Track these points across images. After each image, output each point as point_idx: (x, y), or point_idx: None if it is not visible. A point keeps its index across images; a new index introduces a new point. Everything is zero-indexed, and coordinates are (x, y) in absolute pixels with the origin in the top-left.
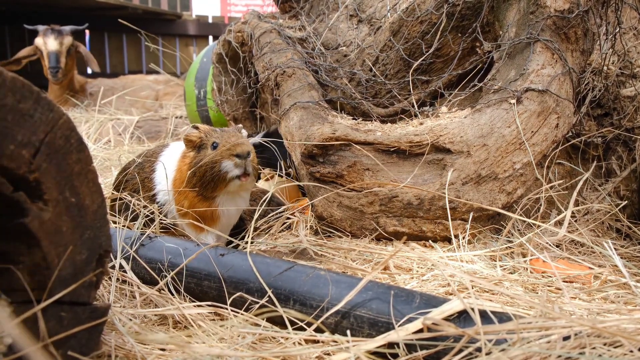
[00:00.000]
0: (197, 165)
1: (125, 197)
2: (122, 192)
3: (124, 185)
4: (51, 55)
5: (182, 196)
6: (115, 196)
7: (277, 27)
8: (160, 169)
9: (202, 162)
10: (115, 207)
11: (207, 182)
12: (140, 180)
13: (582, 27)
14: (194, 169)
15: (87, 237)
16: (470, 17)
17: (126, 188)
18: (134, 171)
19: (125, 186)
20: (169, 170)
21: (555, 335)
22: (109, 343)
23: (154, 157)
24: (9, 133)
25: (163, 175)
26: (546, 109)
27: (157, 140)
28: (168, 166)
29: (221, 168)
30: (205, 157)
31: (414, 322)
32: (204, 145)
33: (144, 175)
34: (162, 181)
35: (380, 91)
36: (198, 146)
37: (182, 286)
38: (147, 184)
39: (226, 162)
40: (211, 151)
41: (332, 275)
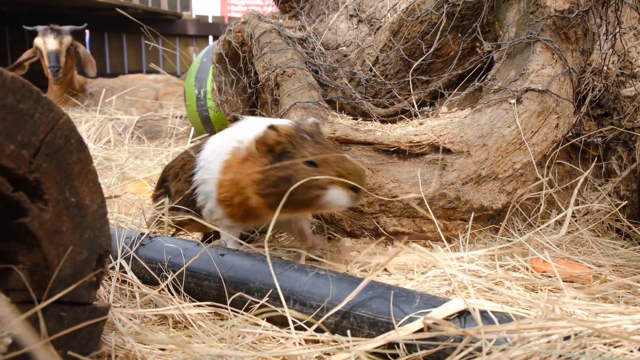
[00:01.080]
0: (282, 180)
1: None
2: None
3: (167, 184)
4: (51, 54)
5: (237, 201)
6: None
7: (277, 27)
8: (202, 168)
9: (293, 179)
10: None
11: (296, 203)
12: (184, 179)
13: (582, 27)
14: (273, 181)
15: (87, 237)
16: (470, 17)
17: (170, 187)
18: (173, 171)
19: (169, 185)
20: (213, 170)
21: (556, 336)
22: (109, 343)
23: (195, 154)
24: (9, 133)
25: (205, 174)
26: (546, 109)
27: (157, 140)
28: (212, 167)
29: (327, 197)
30: (298, 173)
31: (415, 322)
32: (287, 155)
33: (185, 173)
34: (203, 180)
35: (380, 91)
36: (278, 153)
37: (182, 286)
38: (187, 183)
39: (336, 192)
40: (305, 166)
41: (332, 275)
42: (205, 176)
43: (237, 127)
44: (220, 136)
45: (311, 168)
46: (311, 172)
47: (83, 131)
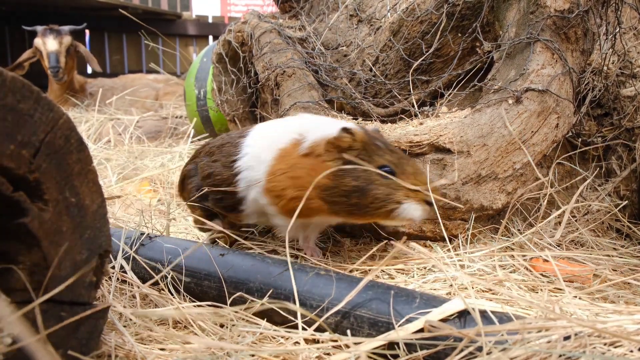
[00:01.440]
0: (356, 190)
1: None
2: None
3: (197, 159)
4: (51, 55)
5: (294, 195)
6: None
7: (277, 27)
8: (248, 156)
9: (369, 190)
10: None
11: (364, 213)
12: (222, 163)
13: (582, 27)
14: (345, 190)
15: (87, 237)
16: (470, 17)
17: (199, 164)
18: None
19: (199, 162)
20: (262, 158)
21: (556, 335)
22: (109, 343)
23: (237, 138)
24: (9, 133)
25: (251, 163)
26: (546, 109)
27: (157, 140)
28: (263, 154)
29: (402, 210)
30: (373, 183)
31: (415, 322)
32: (361, 159)
33: (223, 155)
34: (249, 167)
35: (380, 91)
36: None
37: (182, 286)
38: (227, 171)
39: (413, 206)
40: (379, 176)
41: (332, 275)
42: (251, 162)
43: (292, 120)
44: (271, 126)
45: (387, 179)
46: (388, 183)
47: (83, 131)
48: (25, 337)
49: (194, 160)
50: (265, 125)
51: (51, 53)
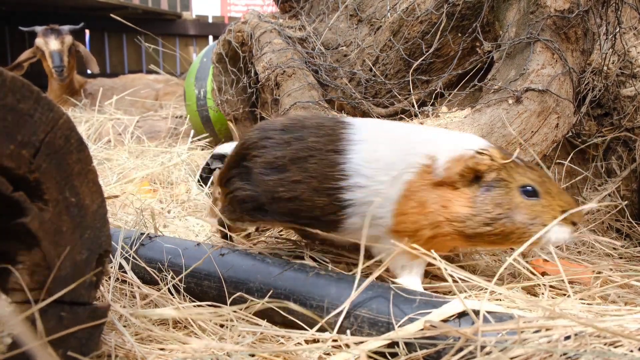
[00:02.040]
0: (500, 217)
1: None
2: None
3: (248, 164)
4: (54, 54)
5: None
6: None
7: (277, 27)
8: (361, 187)
9: (514, 215)
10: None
11: (505, 240)
12: (314, 185)
13: (582, 27)
14: (489, 218)
15: (87, 237)
16: (470, 17)
17: (255, 170)
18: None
19: (255, 168)
20: (386, 193)
21: (556, 335)
22: (109, 343)
23: (336, 157)
24: (9, 133)
25: (369, 198)
26: (546, 108)
27: (157, 140)
28: (383, 188)
29: (549, 235)
30: (518, 207)
31: (415, 322)
32: (500, 184)
33: (316, 182)
34: (365, 206)
35: (380, 91)
36: (489, 182)
37: (182, 286)
38: (322, 198)
39: (561, 229)
40: (523, 199)
41: (332, 275)
42: (369, 197)
43: (406, 134)
44: (382, 142)
45: (531, 201)
46: (533, 205)
47: (83, 131)
48: (27, 338)
49: (243, 164)
50: (373, 140)
51: (54, 52)
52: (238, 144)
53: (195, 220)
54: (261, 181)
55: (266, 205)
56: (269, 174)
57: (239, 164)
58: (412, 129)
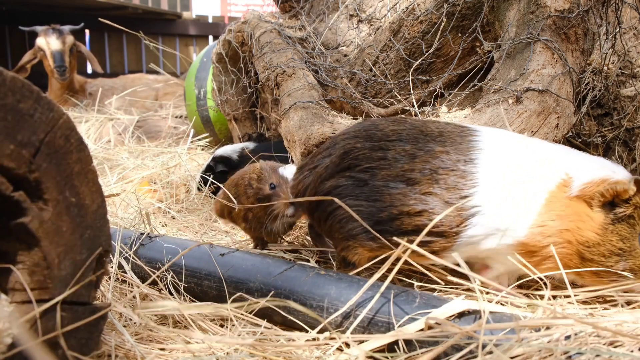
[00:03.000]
0: (618, 250)
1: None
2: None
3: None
4: (56, 54)
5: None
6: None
7: (277, 27)
8: (489, 199)
9: (630, 258)
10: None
11: (610, 275)
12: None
13: (582, 27)
14: (605, 245)
15: (87, 237)
16: (470, 17)
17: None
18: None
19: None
20: (523, 207)
21: (557, 335)
22: (109, 343)
23: (465, 168)
24: (9, 133)
25: (500, 211)
26: (546, 108)
27: (157, 140)
28: (519, 200)
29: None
30: (633, 250)
31: (416, 322)
32: (629, 222)
33: (446, 193)
34: (494, 218)
35: (381, 91)
36: (619, 215)
37: (182, 286)
38: (461, 182)
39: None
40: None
41: (332, 275)
42: (498, 208)
43: (541, 150)
44: (518, 148)
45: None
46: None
47: (83, 131)
48: (28, 338)
49: (348, 175)
50: (503, 149)
51: (56, 52)
52: (337, 155)
53: (196, 220)
54: (386, 195)
55: (384, 223)
56: (396, 187)
57: (340, 176)
58: (541, 142)
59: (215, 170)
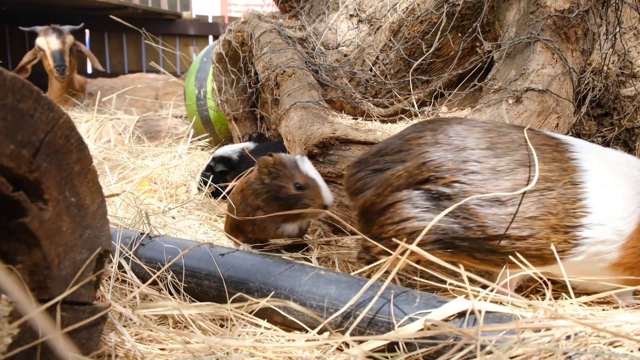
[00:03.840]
0: None
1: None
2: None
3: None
4: (56, 54)
5: None
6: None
7: (277, 27)
8: (601, 225)
9: None
10: None
11: None
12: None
13: (582, 27)
14: None
15: (87, 237)
16: (470, 17)
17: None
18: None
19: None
20: (620, 231)
21: (557, 335)
22: (109, 342)
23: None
24: (9, 133)
25: (606, 236)
26: (546, 108)
27: (157, 140)
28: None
29: None
30: None
31: (415, 322)
32: None
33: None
34: (599, 245)
35: (380, 91)
36: None
37: (182, 286)
38: (571, 208)
39: None
40: None
41: (332, 274)
42: (605, 235)
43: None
44: (615, 168)
45: None
46: None
47: (83, 131)
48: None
49: (427, 188)
50: (604, 169)
51: (56, 52)
52: (415, 165)
53: (196, 220)
54: (473, 214)
55: (462, 240)
56: (490, 207)
57: (415, 188)
58: (630, 159)
59: (215, 170)
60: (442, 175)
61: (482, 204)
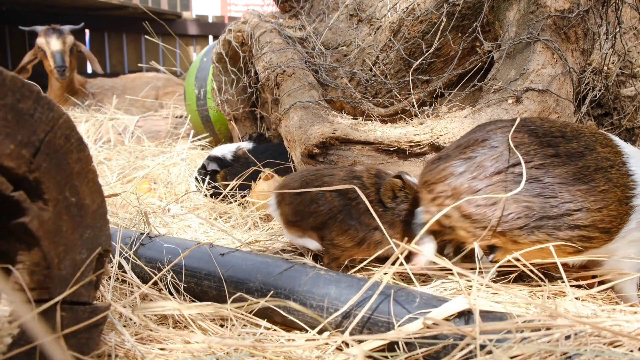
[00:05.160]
0: None
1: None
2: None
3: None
4: (56, 54)
5: None
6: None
7: (277, 27)
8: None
9: None
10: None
11: None
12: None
13: (582, 27)
14: None
15: (87, 237)
16: (471, 17)
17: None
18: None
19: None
20: None
21: (557, 334)
22: (109, 342)
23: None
24: (9, 132)
25: None
26: (546, 108)
27: (157, 140)
28: None
29: None
30: None
31: (415, 322)
32: None
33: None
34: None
35: (380, 91)
36: None
37: (182, 286)
38: (625, 181)
39: None
40: None
41: (332, 274)
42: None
43: None
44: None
45: None
46: None
47: (83, 131)
48: (36, 337)
49: (519, 172)
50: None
51: (56, 52)
52: (503, 149)
53: (196, 219)
54: (564, 192)
55: (556, 218)
56: (573, 184)
57: (508, 172)
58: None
59: (207, 168)
60: (530, 159)
61: (567, 182)
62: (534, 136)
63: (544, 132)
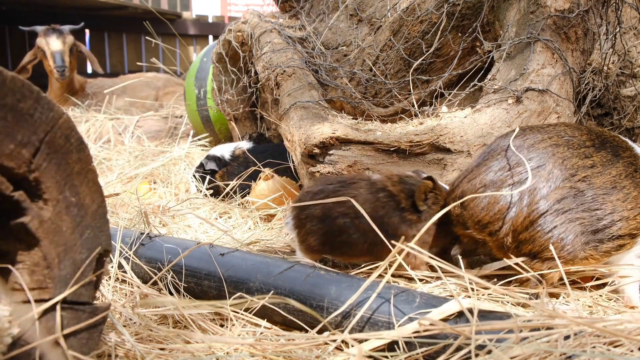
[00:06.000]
0: None
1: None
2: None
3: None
4: (56, 54)
5: None
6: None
7: (277, 27)
8: None
9: None
10: None
11: None
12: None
13: (583, 27)
14: None
15: (87, 237)
16: (471, 17)
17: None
18: None
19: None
20: None
21: (556, 335)
22: (109, 342)
23: None
24: (9, 132)
25: None
26: (546, 108)
27: (157, 140)
28: None
29: None
30: None
31: (414, 322)
32: None
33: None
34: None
35: (380, 91)
36: None
37: (182, 286)
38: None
39: None
40: None
41: (332, 274)
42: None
43: None
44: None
45: None
46: None
47: (83, 131)
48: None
49: (570, 186)
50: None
51: (56, 52)
52: (554, 166)
53: (196, 219)
54: (608, 202)
55: (602, 231)
56: (612, 193)
57: (561, 187)
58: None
59: (205, 168)
60: (575, 172)
61: (607, 192)
62: (572, 148)
63: (579, 143)
